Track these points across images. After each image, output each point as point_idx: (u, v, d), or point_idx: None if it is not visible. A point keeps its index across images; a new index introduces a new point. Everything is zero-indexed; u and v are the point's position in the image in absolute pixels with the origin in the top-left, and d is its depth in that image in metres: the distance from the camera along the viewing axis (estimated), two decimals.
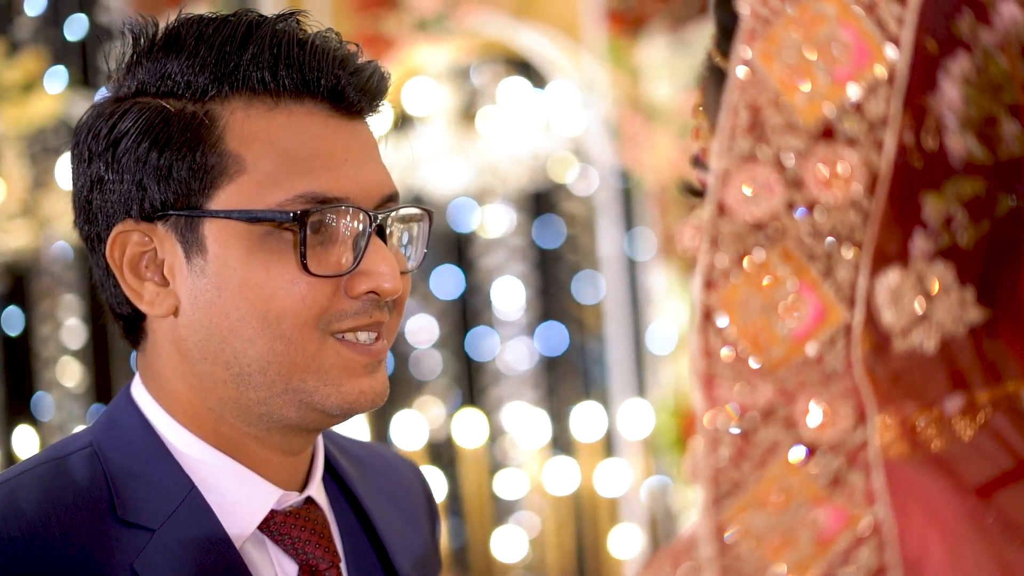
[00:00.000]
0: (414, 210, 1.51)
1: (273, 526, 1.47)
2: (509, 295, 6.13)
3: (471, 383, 6.22)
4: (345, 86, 1.44)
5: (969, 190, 0.96)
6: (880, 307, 0.93)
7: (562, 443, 5.89)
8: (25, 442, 6.09)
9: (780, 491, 0.86)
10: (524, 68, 5.83)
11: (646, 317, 5.52)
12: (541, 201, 6.11)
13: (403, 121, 1.52)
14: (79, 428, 5.92)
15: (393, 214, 1.47)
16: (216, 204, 1.41)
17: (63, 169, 5.91)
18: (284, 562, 1.47)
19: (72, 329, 6.31)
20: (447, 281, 6.27)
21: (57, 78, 6.15)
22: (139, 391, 1.49)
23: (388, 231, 1.47)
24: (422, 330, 6.28)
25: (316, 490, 1.52)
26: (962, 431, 0.97)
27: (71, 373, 6.31)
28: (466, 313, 6.30)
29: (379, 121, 1.52)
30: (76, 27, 6.27)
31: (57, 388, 6.35)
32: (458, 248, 6.23)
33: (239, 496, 1.45)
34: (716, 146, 0.94)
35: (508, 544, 5.79)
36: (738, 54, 0.96)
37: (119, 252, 1.44)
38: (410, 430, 5.82)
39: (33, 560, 1.36)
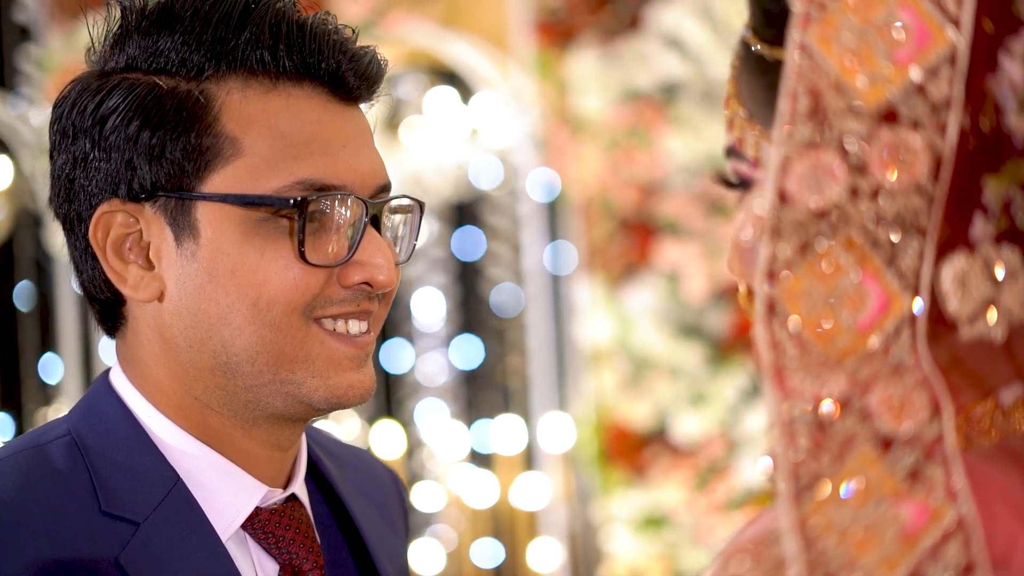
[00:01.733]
0: (407, 200, 1.47)
1: (257, 524, 1.41)
2: (428, 307, 6.07)
3: (388, 395, 6.14)
4: (345, 71, 1.40)
5: None
6: (946, 294, 0.91)
7: (481, 456, 5.85)
8: None
9: (859, 484, 0.83)
10: (451, 78, 5.78)
11: (568, 330, 5.49)
12: (463, 212, 6.06)
13: None
14: None
15: (385, 205, 1.43)
16: (210, 187, 1.36)
17: None
18: (264, 562, 1.42)
19: None
20: None
21: None
22: (119, 379, 1.43)
23: (381, 221, 1.43)
24: None
25: (299, 488, 1.47)
26: (1019, 422, 0.94)
27: None
28: (384, 324, 6.22)
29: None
30: None
31: None
32: None
33: (224, 492, 1.39)
34: (775, 133, 0.92)
35: (425, 557, 5.73)
36: (794, 39, 0.93)
37: (103, 233, 1.38)
38: None
39: (17, 549, 1.30)
